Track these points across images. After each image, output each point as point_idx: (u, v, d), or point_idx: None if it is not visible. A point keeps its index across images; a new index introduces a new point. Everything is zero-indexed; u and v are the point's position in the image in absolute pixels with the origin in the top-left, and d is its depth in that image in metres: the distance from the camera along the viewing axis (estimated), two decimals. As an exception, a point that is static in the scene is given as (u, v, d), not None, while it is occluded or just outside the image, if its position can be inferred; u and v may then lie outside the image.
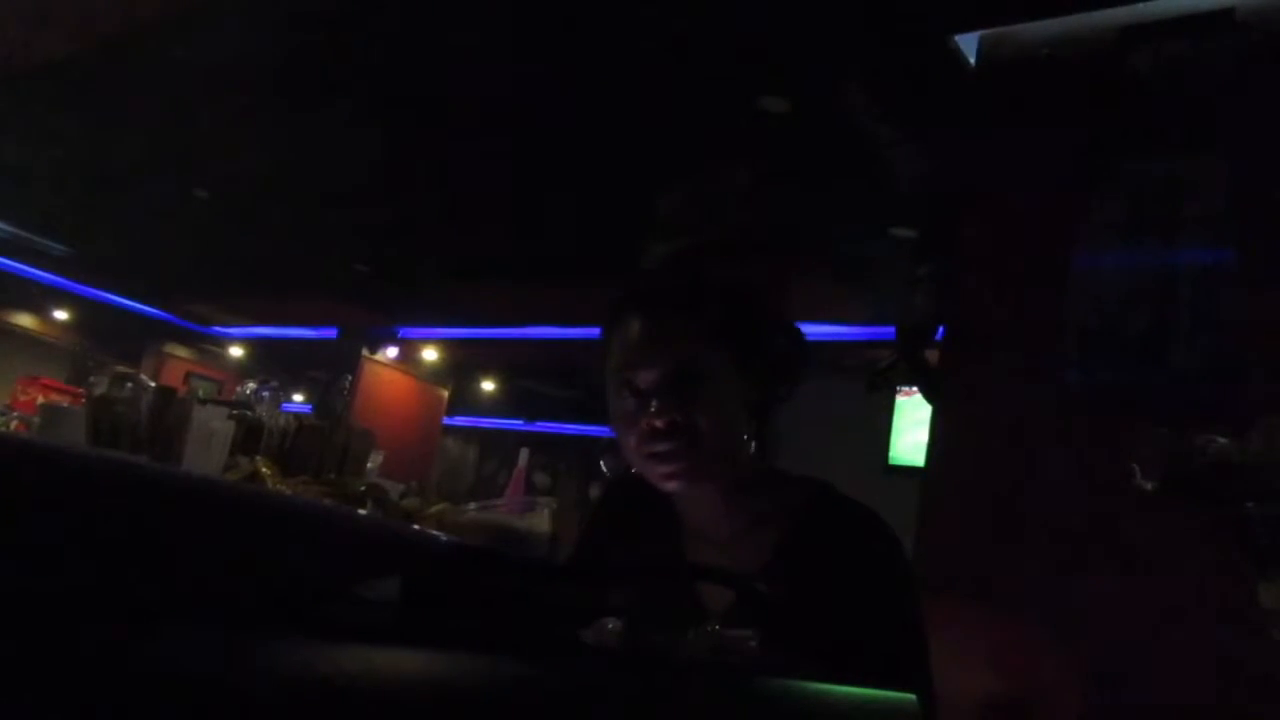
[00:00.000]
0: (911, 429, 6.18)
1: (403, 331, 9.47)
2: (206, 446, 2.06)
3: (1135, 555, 2.31)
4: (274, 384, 2.63)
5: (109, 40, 4.18)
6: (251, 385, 2.69)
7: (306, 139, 5.03)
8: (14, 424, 3.37)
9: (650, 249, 1.24)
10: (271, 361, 10.36)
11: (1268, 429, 1.24)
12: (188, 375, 10.34)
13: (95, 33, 4.13)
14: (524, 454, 1.69)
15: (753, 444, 1.22)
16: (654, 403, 1.14)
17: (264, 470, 2.11)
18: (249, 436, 2.25)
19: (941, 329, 2.90)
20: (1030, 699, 1.36)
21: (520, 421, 11.28)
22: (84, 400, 2.33)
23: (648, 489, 1.30)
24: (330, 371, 9.43)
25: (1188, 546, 2.20)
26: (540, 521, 1.17)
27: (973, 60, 3.08)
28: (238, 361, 10.81)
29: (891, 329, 3.00)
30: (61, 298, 9.84)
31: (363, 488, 2.20)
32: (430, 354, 9.75)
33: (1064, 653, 1.42)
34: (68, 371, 9.37)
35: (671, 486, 1.17)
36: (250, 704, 0.42)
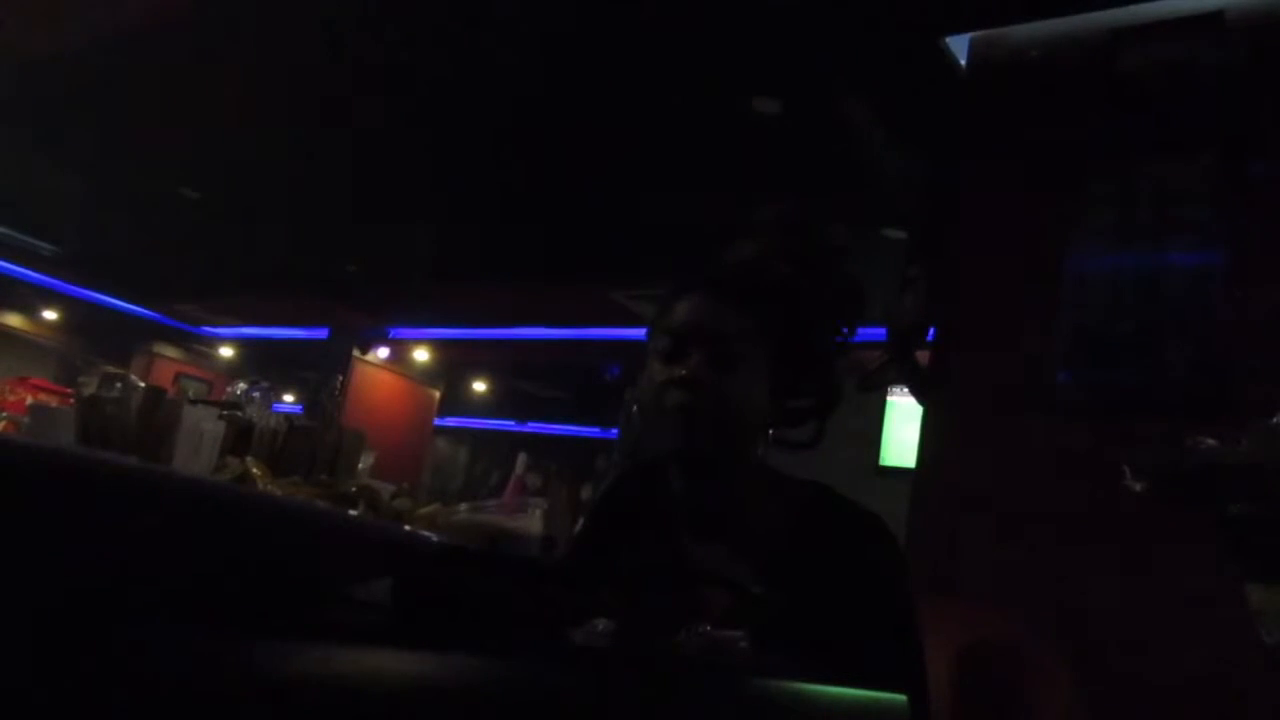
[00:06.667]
0: (903, 430, 6.19)
1: (394, 332, 9.45)
2: (197, 447, 2.05)
3: (1125, 556, 2.32)
4: (264, 384, 2.62)
5: (102, 40, 4.17)
6: (242, 386, 2.68)
7: (298, 139, 5.02)
8: (3, 424, 3.35)
9: (734, 245, 1.29)
10: (262, 362, 10.33)
11: (1258, 431, 1.24)
12: (177, 376, 10.28)
13: (89, 33, 4.11)
14: (522, 459, 1.70)
15: (761, 450, 1.24)
16: (692, 359, 1.19)
17: (254, 471, 2.10)
18: (239, 437, 2.24)
19: (932, 330, 2.91)
20: (1021, 698, 1.37)
21: (512, 422, 11.27)
22: (73, 401, 2.32)
23: (647, 489, 1.30)
24: (321, 372, 9.40)
25: (1177, 547, 2.21)
26: (532, 523, 1.17)
27: (964, 62, 3.09)
28: (228, 362, 10.77)
29: (882, 330, 3.00)
30: (50, 297, 9.80)
31: (354, 489, 2.19)
32: (421, 354, 9.73)
33: (1053, 652, 1.43)
34: (56, 371, 9.32)
35: (678, 444, 1.20)
36: (243, 705, 0.42)
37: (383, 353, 9.56)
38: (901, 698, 0.89)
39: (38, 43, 4.28)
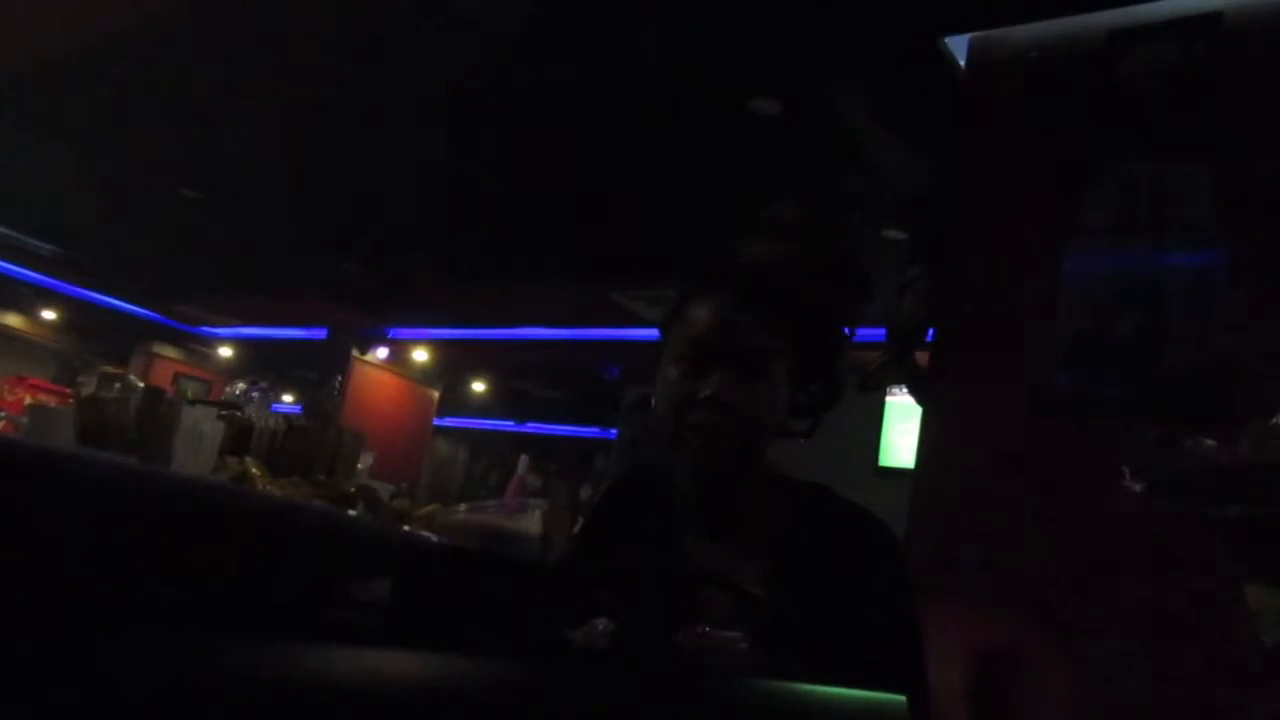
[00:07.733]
0: (902, 430, 6.18)
1: (393, 332, 9.46)
2: (195, 447, 2.05)
3: (1124, 556, 2.32)
4: (263, 384, 2.62)
5: (101, 41, 4.16)
6: (241, 385, 2.68)
7: (296, 139, 5.02)
8: (1, 424, 3.35)
9: (752, 244, 1.27)
10: (261, 362, 10.33)
11: (1256, 432, 1.24)
12: (176, 376, 10.29)
13: (87, 33, 4.11)
14: (524, 459, 1.70)
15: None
16: (717, 376, 1.16)
17: (253, 471, 2.10)
18: (238, 437, 2.24)
19: (932, 330, 2.91)
20: (1020, 698, 1.37)
21: (511, 423, 11.28)
22: (72, 400, 2.32)
23: (648, 489, 1.30)
24: (320, 372, 9.40)
25: (1177, 548, 2.21)
26: (531, 523, 1.16)
27: (963, 62, 3.09)
28: (227, 362, 10.78)
29: (882, 330, 3.01)
30: (50, 297, 9.80)
31: (353, 489, 2.19)
32: (421, 355, 9.74)
33: (1053, 652, 1.43)
34: (55, 371, 9.32)
35: (700, 461, 1.19)
36: (240, 705, 0.41)
37: (382, 353, 9.57)
38: (901, 698, 0.89)
39: (37, 43, 4.28)
